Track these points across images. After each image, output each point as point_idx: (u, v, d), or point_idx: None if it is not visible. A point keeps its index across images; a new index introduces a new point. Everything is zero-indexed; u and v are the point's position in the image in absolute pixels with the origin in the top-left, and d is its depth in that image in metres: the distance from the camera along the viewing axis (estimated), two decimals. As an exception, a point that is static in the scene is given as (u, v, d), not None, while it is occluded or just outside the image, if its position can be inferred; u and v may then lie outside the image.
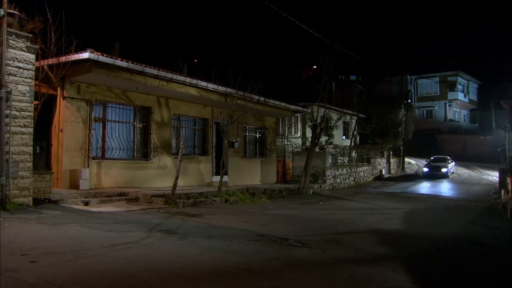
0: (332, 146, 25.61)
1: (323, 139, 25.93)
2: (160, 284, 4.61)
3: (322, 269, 6.15)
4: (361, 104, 34.26)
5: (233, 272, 5.38)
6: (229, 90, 15.92)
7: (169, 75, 13.64)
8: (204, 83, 15.22)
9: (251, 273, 5.45)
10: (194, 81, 14.84)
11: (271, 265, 5.99)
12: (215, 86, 15.64)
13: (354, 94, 38.71)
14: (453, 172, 31.66)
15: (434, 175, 29.40)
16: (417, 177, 31.07)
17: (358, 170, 27.49)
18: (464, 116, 54.40)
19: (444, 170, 29.91)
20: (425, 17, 73.80)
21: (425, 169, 30.51)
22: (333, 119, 26.54)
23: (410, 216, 13.29)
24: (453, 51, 72.05)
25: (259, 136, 21.45)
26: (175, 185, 12.45)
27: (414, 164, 37.51)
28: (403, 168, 34.72)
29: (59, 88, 12.00)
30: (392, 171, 32.45)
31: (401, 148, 34.88)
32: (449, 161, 31.97)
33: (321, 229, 9.92)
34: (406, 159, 35.11)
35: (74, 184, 12.19)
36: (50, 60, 10.54)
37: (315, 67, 29.36)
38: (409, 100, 42.04)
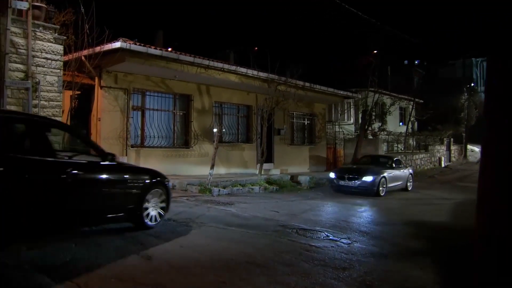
0: (385, 132, 24.58)
1: (376, 125, 24.94)
2: (146, 274, 4.45)
3: (336, 263, 5.73)
4: (420, 89, 32.57)
5: (232, 265, 5.13)
6: (271, 76, 15.55)
7: (206, 61, 13.48)
8: (243, 69, 14.97)
9: (253, 266, 5.17)
10: (233, 68, 14.64)
11: (279, 258, 5.67)
12: (256, 72, 15.32)
13: (414, 78, 36.91)
14: (407, 189, 16.33)
15: (345, 187, 14.66)
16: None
17: (414, 158, 26.18)
18: (539, 99, 50.14)
19: (367, 179, 14.28)
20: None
21: (332, 175, 15.46)
22: (386, 105, 25.45)
23: (459, 208, 12.33)
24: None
25: (307, 123, 21.01)
26: (210, 173, 12.40)
27: (478, 151, 35.05)
28: (465, 156, 32.60)
29: (96, 78, 12.26)
30: (453, 159, 30.58)
31: (463, 134, 32.79)
32: (394, 165, 15.94)
33: (355, 220, 9.43)
34: (469, 147, 32.87)
35: (112, 172, 12.41)
36: (85, 50, 10.76)
37: (375, 51, 28.16)
38: (472, 84, 39.36)
